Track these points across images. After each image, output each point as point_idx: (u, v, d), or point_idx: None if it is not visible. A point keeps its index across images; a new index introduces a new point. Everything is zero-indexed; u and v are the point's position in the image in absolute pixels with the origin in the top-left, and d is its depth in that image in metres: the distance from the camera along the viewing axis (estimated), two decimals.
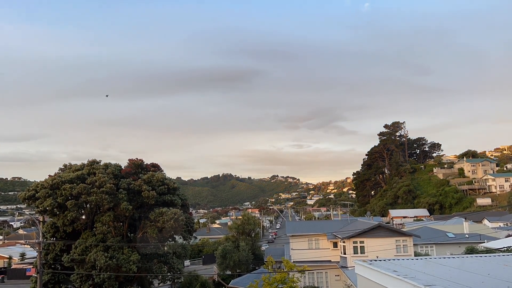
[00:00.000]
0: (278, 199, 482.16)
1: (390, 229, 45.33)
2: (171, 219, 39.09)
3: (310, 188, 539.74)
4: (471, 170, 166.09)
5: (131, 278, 41.74)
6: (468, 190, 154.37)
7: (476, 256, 22.45)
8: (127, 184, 41.66)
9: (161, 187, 43.06)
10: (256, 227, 71.91)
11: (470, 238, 59.66)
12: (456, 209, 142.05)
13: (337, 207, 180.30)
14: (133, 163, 46.09)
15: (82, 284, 39.38)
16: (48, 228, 42.70)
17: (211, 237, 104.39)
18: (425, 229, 66.40)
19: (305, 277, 44.24)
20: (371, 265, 19.52)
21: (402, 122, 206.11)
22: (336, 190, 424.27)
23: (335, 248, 46.89)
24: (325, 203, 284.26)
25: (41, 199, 39.28)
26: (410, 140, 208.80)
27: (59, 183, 39.65)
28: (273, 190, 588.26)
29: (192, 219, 53.24)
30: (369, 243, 41.40)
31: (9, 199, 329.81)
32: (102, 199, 39.29)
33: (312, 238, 48.79)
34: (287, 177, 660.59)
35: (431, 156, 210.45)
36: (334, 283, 45.17)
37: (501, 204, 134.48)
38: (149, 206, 42.09)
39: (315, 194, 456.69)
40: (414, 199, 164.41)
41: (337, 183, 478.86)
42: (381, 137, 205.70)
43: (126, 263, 38.59)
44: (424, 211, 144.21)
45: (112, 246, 39.39)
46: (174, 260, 45.02)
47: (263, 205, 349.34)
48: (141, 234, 42.32)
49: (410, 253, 41.15)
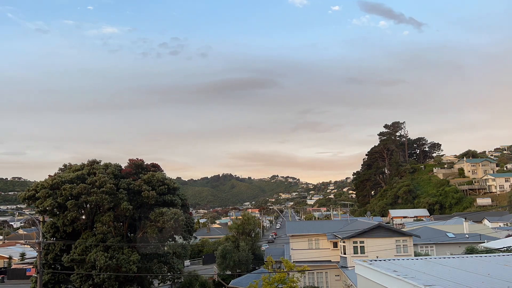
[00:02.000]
0: (278, 199, 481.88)
1: (390, 229, 45.31)
2: (171, 219, 39.08)
3: (310, 188, 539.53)
4: (471, 170, 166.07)
5: (131, 278, 41.70)
6: (468, 190, 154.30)
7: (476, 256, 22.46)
8: (127, 184, 41.66)
9: (161, 187, 43.05)
10: (256, 227, 71.87)
11: (470, 238, 59.62)
12: (456, 209, 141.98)
13: (337, 207, 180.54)
14: (133, 163, 46.09)
15: (82, 284, 39.38)
16: (48, 228, 42.69)
17: (211, 237, 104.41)
18: (425, 229, 66.35)
19: (305, 277, 44.22)
20: (371, 265, 19.53)
21: (402, 122, 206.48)
22: (336, 190, 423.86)
23: (335, 248, 46.88)
24: (325, 203, 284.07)
25: (41, 199, 39.28)
26: (410, 140, 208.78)
27: (59, 183, 39.65)
28: (273, 190, 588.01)
29: (192, 219, 53.24)
30: (369, 243, 41.37)
31: (9, 199, 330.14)
32: (102, 199, 39.29)
33: (312, 238, 48.75)
34: (287, 177, 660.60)
35: (431, 156, 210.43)
36: (334, 283, 45.16)
37: (501, 204, 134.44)
38: (149, 206, 42.07)
39: (315, 194, 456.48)
40: (414, 199, 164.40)
41: (337, 183, 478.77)
42: (381, 137, 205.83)
43: (126, 263, 38.58)
44: (424, 211, 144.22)
45: (112, 246, 39.39)
46: (174, 260, 45.02)
47: (263, 205, 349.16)
48: (141, 234, 42.32)
49: (410, 253, 41.12)
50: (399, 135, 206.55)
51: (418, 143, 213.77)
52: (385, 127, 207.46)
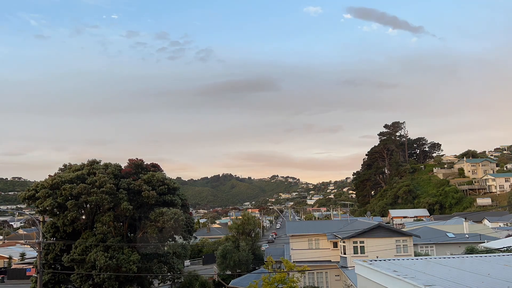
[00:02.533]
0: (278, 199, 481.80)
1: (390, 229, 45.30)
2: (171, 219, 39.07)
3: (310, 188, 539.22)
4: (471, 170, 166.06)
5: (131, 278, 41.68)
6: (468, 190, 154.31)
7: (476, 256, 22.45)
8: (127, 184, 41.64)
9: (161, 187, 43.04)
10: (256, 227, 71.86)
11: (470, 238, 59.60)
12: (456, 209, 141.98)
13: (337, 207, 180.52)
14: (133, 163, 46.06)
15: (82, 284, 39.38)
16: (48, 228, 42.68)
17: (211, 237, 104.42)
18: (425, 229, 66.35)
19: (305, 277, 44.23)
20: (371, 265, 19.52)
21: (402, 122, 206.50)
22: (336, 190, 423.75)
23: (335, 248, 46.86)
24: (325, 203, 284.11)
25: (41, 199, 39.27)
26: (410, 140, 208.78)
27: (59, 183, 39.64)
28: (273, 190, 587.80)
29: (192, 219, 53.24)
30: (369, 243, 41.36)
31: (9, 199, 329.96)
32: (102, 199, 39.28)
33: (312, 238, 48.73)
34: (287, 177, 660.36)
35: (431, 156, 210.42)
36: (334, 283, 45.15)
37: (501, 204, 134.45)
38: (149, 206, 42.06)
39: (315, 194, 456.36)
40: (414, 199, 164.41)
41: (337, 183, 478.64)
42: (381, 137, 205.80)
43: (126, 263, 38.58)
44: (424, 211, 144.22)
45: (112, 246, 39.38)
46: (174, 260, 45.01)
47: (263, 205, 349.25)
48: (141, 234, 42.31)
49: (410, 253, 41.11)
50: (399, 135, 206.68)
51: (418, 143, 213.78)
52: (385, 127, 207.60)
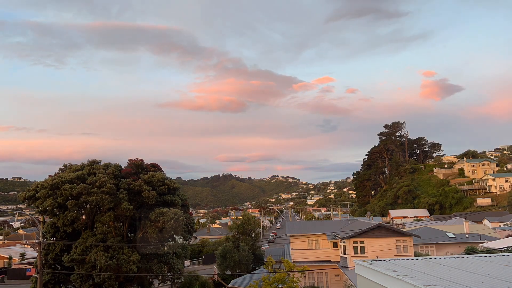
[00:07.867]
0: (278, 199, 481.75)
1: (390, 229, 45.27)
2: (171, 219, 39.08)
3: (310, 188, 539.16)
4: (471, 170, 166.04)
5: (131, 278, 41.73)
6: (468, 190, 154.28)
7: (476, 256, 22.43)
8: (127, 184, 41.64)
9: (161, 187, 43.05)
10: (256, 227, 71.85)
11: (470, 238, 59.60)
12: (456, 209, 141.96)
13: (337, 207, 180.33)
14: (133, 163, 46.06)
15: (82, 284, 39.40)
16: (48, 228, 42.69)
17: (211, 237, 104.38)
18: (425, 229, 66.35)
19: (305, 277, 44.25)
20: (371, 265, 19.51)
21: (402, 122, 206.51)
22: (336, 190, 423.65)
23: (335, 248, 46.86)
24: (325, 203, 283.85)
25: (41, 199, 39.28)
26: (410, 140, 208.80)
27: (59, 183, 39.64)
28: (273, 190, 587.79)
29: (192, 219, 53.21)
30: (369, 243, 41.36)
31: (9, 199, 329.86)
32: (103, 199, 39.28)
33: (312, 238, 48.72)
34: (287, 177, 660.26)
35: (431, 156, 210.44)
36: (334, 283, 45.15)
37: (501, 204, 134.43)
38: (149, 206, 42.05)
39: (315, 194, 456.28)
40: (414, 199, 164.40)
41: (337, 183, 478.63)
42: (381, 137, 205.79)
43: (126, 263, 38.59)
44: (424, 211, 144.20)
45: (112, 246, 39.40)
46: (174, 260, 45.02)
47: (263, 205, 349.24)
48: (141, 234, 42.29)
49: (410, 253, 41.10)
50: (399, 135, 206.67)
51: (418, 143, 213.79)
52: (385, 127, 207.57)
